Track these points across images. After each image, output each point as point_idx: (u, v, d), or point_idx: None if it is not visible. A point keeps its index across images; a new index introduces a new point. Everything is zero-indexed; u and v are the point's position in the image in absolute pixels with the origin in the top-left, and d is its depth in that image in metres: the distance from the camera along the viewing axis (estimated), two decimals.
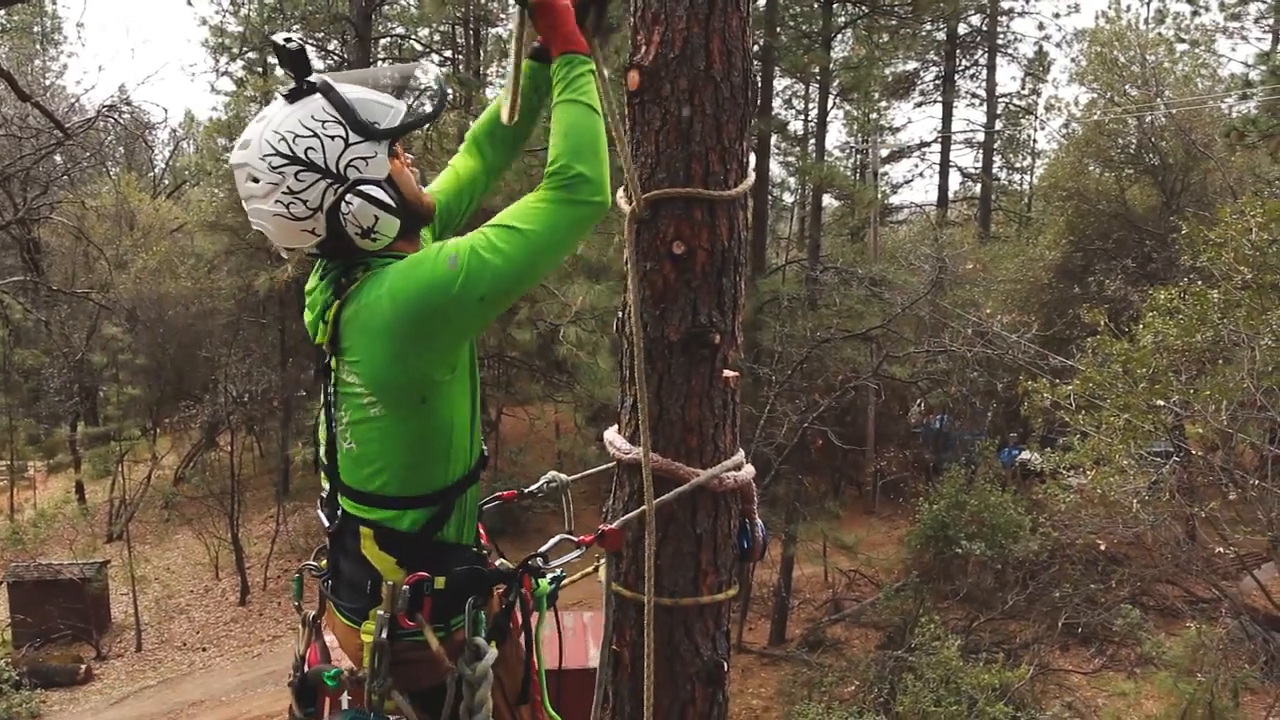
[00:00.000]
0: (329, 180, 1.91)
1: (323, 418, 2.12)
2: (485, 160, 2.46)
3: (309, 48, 2.02)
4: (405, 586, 1.99)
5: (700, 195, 2.31)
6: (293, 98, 1.95)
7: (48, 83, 28.16)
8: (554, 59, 2.02)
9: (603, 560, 2.47)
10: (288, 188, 1.90)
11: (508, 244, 1.85)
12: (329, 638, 2.30)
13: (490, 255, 1.84)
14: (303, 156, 1.89)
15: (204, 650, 16.90)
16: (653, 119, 2.33)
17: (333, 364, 2.03)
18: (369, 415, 1.98)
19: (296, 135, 1.90)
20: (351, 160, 1.91)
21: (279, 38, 1.91)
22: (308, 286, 2.14)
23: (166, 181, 34.04)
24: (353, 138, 1.92)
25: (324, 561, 2.24)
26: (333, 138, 1.91)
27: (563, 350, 13.54)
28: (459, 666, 2.02)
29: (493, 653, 2.03)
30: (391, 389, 1.94)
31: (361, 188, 1.92)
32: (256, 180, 1.92)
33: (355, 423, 2.01)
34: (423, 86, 2.04)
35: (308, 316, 2.10)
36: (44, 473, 24.71)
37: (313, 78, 1.95)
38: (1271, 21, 22.12)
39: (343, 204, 1.91)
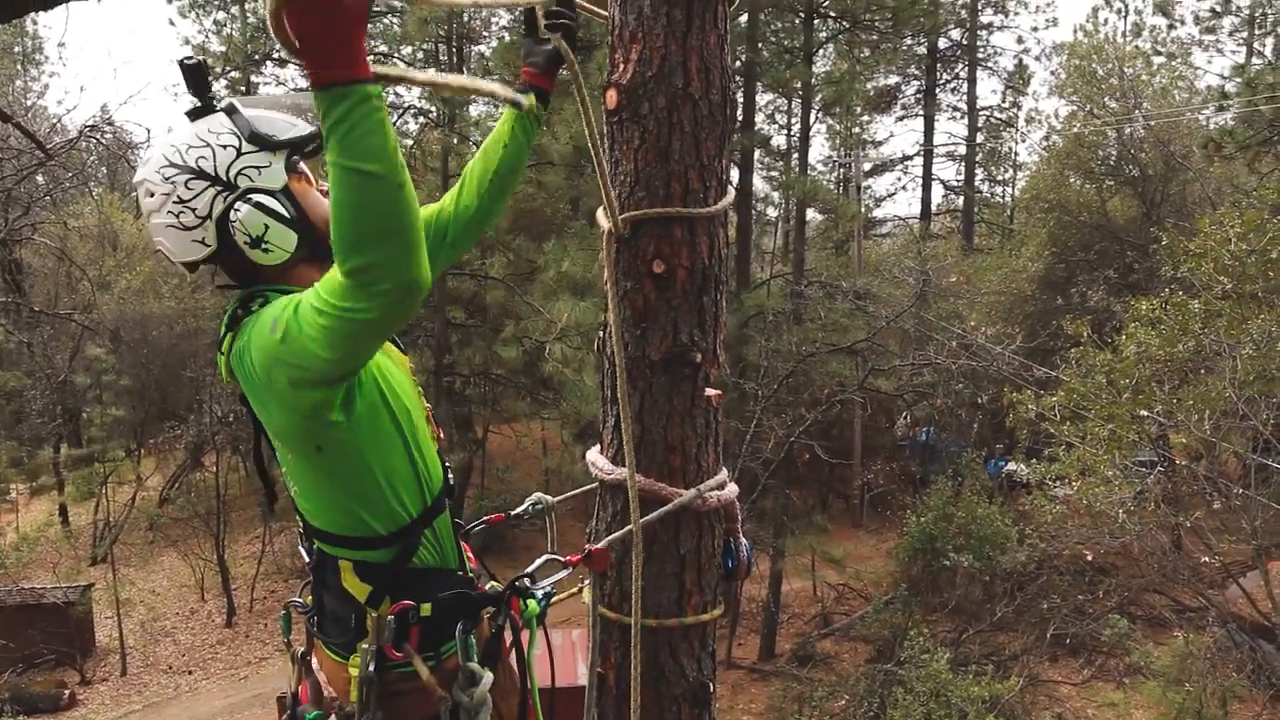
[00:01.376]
0: (218, 188, 1.87)
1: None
2: (460, 200, 2.37)
3: (206, 65, 1.94)
4: (390, 617, 1.95)
5: (679, 214, 2.31)
6: (194, 116, 1.93)
7: (29, 103, 28.09)
8: (314, 91, 1.43)
9: (587, 581, 2.45)
10: (178, 197, 1.86)
11: (319, 324, 1.61)
12: (320, 675, 2.22)
13: (307, 336, 1.64)
14: (193, 165, 1.86)
15: (190, 673, 16.75)
16: (631, 137, 2.32)
17: None
18: (287, 458, 1.94)
19: (190, 146, 1.88)
20: (243, 169, 1.88)
21: (182, 56, 1.89)
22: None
23: None
24: (246, 147, 1.88)
25: (309, 597, 2.19)
26: (224, 146, 1.88)
27: (548, 367, 13.56)
28: (454, 694, 1.97)
29: (489, 677, 1.99)
30: (282, 435, 1.88)
31: (251, 196, 1.87)
32: (152, 194, 1.89)
33: (285, 464, 1.97)
34: None
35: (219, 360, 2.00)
36: (27, 495, 24.52)
37: (220, 102, 1.92)
38: (1245, 35, 22.38)
39: (231, 211, 1.87)
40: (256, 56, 21.41)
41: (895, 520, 18.22)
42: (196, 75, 1.89)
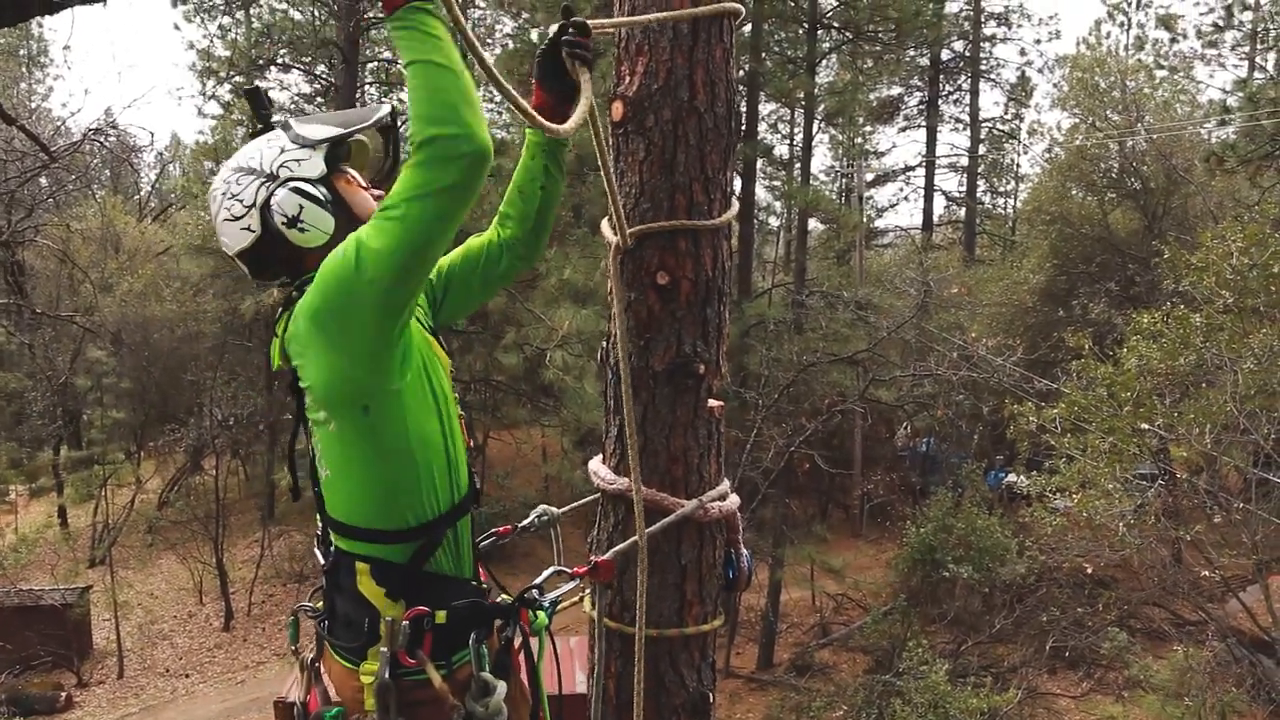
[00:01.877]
0: (262, 180, 2.07)
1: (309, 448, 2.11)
2: (501, 233, 2.40)
3: (268, 89, 2.16)
4: (405, 622, 1.95)
5: (684, 226, 2.32)
6: (254, 136, 2.16)
7: (33, 105, 28.06)
8: (386, 19, 1.78)
9: (588, 591, 2.46)
10: (231, 193, 2.09)
11: (387, 224, 1.80)
12: (327, 680, 2.23)
13: (373, 239, 1.81)
14: (245, 165, 2.10)
15: (187, 677, 16.71)
16: (637, 150, 2.34)
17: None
18: (328, 431, 1.97)
19: (246, 154, 2.12)
20: (284, 162, 2.08)
21: (247, 86, 2.12)
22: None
23: (152, 204, 33.89)
24: (289, 146, 2.10)
25: (319, 602, 2.20)
26: (271, 147, 2.10)
27: (549, 374, 13.51)
28: (466, 704, 1.97)
29: (503, 688, 2.00)
30: (331, 394, 1.93)
31: (289, 182, 2.06)
32: (215, 199, 2.12)
33: (321, 443, 2.01)
34: (375, 119, 2.19)
35: (273, 346, 2.13)
36: (26, 497, 24.47)
37: (278, 118, 2.16)
38: (1247, 49, 22.41)
39: (272, 198, 2.05)
40: (260, 61, 21.46)
41: (895, 531, 18.19)
42: (256, 99, 2.19)
